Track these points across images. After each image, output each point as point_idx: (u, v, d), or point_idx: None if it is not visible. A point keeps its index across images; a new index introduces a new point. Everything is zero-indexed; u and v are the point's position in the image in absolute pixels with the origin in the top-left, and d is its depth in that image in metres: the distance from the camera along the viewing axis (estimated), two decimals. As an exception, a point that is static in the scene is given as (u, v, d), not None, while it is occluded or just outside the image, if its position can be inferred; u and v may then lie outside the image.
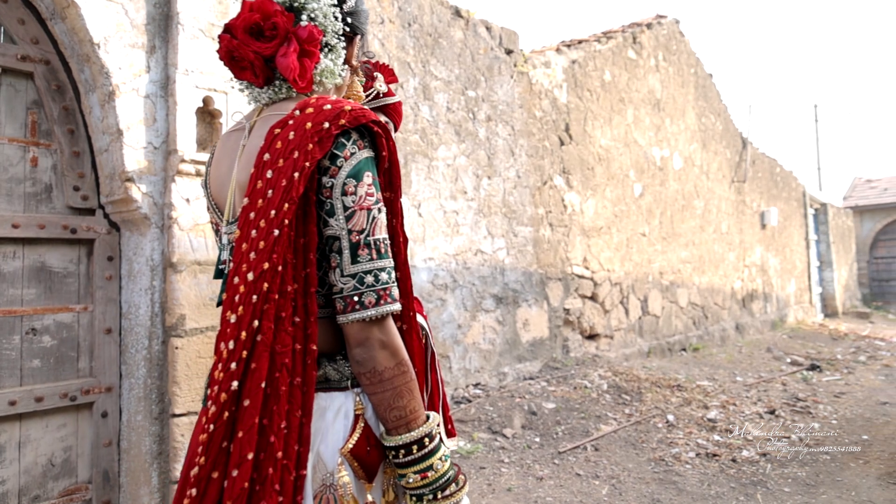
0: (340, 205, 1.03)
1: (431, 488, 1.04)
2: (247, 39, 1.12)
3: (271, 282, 0.98)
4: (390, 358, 1.04)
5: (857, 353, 9.14)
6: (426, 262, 4.93)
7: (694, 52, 9.78)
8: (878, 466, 4.09)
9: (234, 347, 0.96)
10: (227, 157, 1.20)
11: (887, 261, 20.77)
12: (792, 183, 13.88)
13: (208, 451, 0.94)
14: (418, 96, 4.96)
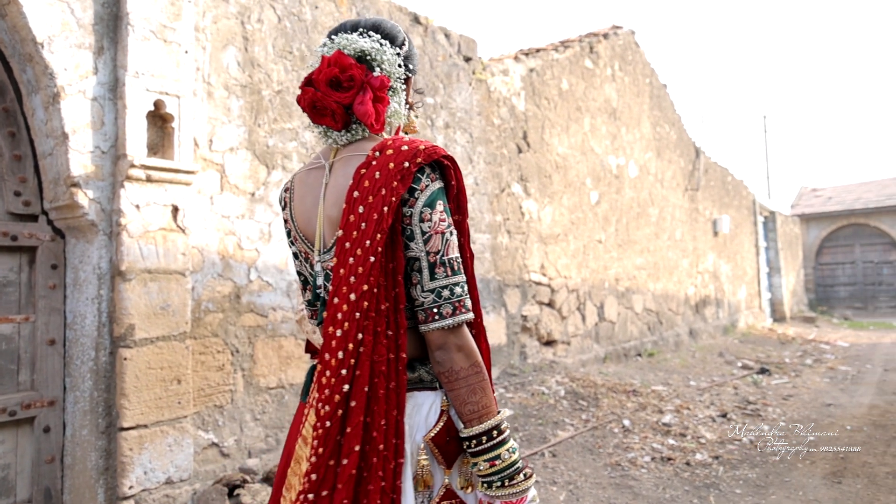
0: (419, 230, 1.20)
1: (500, 476, 1.19)
2: (328, 91, 1.27)
3: (370, 301, 1.16)
4: (465, 359, 1.21)
5: (803, 357, 9.41)
6: (384, 270, 4.89)
7: (649, 63, 9.96)
8: (824, 466, 4.19)
9: (343, 357, 1.15)
10: (311, 194, 1.34)
11: (831, 267, 21.47)
12: (742, 191, 14.24)
13: (325, 443, 1.12)
14: (376, 102, 4.93)
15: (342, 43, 1.31)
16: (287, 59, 4.26)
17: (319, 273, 1.32)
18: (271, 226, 4.10)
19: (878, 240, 20.87)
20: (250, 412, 3.91)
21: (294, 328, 4.21)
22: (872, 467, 4.13)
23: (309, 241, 1.34)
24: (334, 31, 1.37)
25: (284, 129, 4.21)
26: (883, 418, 5.39)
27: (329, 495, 1.12)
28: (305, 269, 1.41)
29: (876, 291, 20.77)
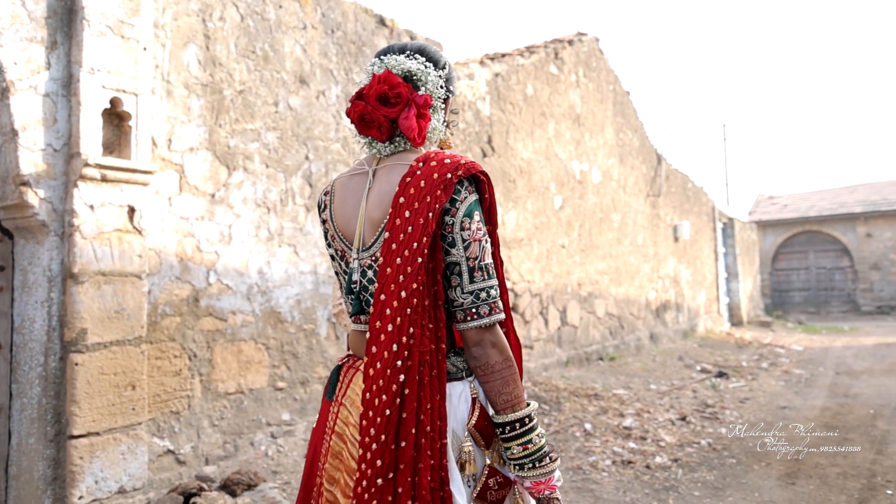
0: (459, 238, 1.33)
1: (531, 458, 1.31)
2: (377, 106, 1.39)
3: (418, 298, 1.28)
4: (499, 354, 1.33)
5: (759, 361, 9.61)
6: (347, 273, 4.85)
7: (613, 70, 10.08)
8: (779, 468, 4.28)
9: (398, 349, 1.26)
10: (353, 197, 1.46)
11: (787, 272, 22.01)
12: (702, 198, 14.51)
13: (387, 430, 1.23)
14: (340, 104, 4.89)
15: (391, 63, 1.44)
16: (250, 58, 4.19)
17: (356, 269, 1.43)
18: (231, 228, 4.03)
19: (830, 246, 21.46)
20: (208, 418, 3.83)
21: (253, 332, 4.14)
22: (824, 468, 4.23)
23: (347, 240, 1.46)
24: (383, 52, 1.50)
25: (246, 130, 4.14)
26: (834, 420, 5.52)
27: (394, 477, 1.24)
28: (341, 267, 1.51)
29: (828, 297, 21.35)
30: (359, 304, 1.43)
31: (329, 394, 1.50)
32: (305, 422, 4.40)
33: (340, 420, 1.41)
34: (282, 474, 3.83)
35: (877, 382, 7.40)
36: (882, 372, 8.20)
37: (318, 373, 4.56)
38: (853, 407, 6.06)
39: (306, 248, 4.53)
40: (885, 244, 20.33)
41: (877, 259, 20.43)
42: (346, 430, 1.39)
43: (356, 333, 1.50)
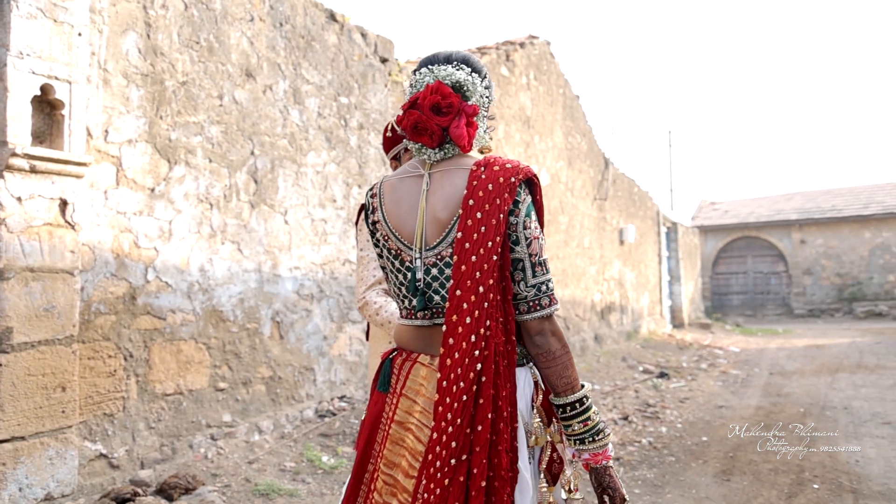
0: (523, 236, 1.43)
1: (590, 433, 1.44)
2: (430, 115, 1.46)
3: (494, 293, 1.38)
4: (558, 342, 1.45)
5: (699, 362, 9.87)
6: (291, 272, 4.76)
7: (563, 74, 10.20)
8: (715, 465, 4.39)
9: (476, 340, 1.36)
10: (407, 198, 1.52)
11: (726, 276, 22.70)
12: (648, 202, 14.83)
13: (463, 415, 1.33)
14: (288, 99, 4.80)
15: (441, 74, 1.51)
16: (194, 48, 4.07)
17: (419, 267, 1.49)
18: (172, 223, 3.91)
19: (767, 252, 22.23)
20: (144, 420, 3.71)
21: (194, 331, 4.03)
22: (757, 465, 4.36)
23: (405, 239, 1.51)
24: (429, 60, 1.58)
25: (189, 123, 4.03)
26: (768, 418, 5.70)
27: (468, 458, 1.33)
28: (394, 265, 1.56)
29: (764, 300, 22.10)
30: (424, 301, 1.49)
31: (382, 386, 1.57)
32: (247, 423, 4.30)
33: (401, 410, 1.49)
34: (222, 477, 3.74)
35: (807, 382, 7.69)
36: (812, 372, 8.51)
37: (261, 373, 4.46)
38: (785, 406, 6.27)
39: (250, 245, 4.44)
40: (818, 250, 21.16)
41: (809, 264, 21.24)
42: (409, 419, 1.47)
43: (410, 328, 1.54)
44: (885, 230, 20.16)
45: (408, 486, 1.41)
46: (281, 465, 4.06)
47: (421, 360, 1.50)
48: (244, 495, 3.57)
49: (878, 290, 20.10)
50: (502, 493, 1.35)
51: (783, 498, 3.75)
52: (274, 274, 4.61)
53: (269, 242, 4.59)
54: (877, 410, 5.93)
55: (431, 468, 1.33)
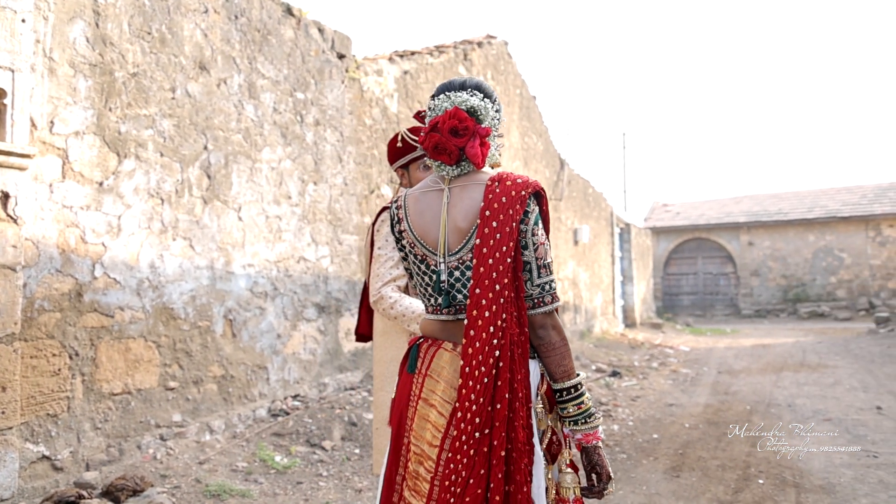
0: (531, 242, 1.64)
1: (582, 415, 1.65)
2: (449, 137, 1.66)
3: (509, 290, 1.58)
4: (558, 335, 1.66)
5: (650, 360, 10.06)
6: (245, 269, 4.69)
7: (520, 74, 10.27)
8: (665, 462, 4.48)
9: (494, 331, 1.56)
10: (430, 210, 1.74)
11: (677, 277, 23.21)
12: (602, 203, 15.05)
13: (485, 394, 1.53)
14: (243, 94, 4.72)
15: (457, 100, 1.71)
16: (145, 39, 3.97)
17: (444, 270, 1.71)
18: (121, 219, 3.80)
19: (717, 253, 22.80)
20: (90, 421, 3.60)
21: (143, 329, 3.93)
22: (706, 461, 4.47)
23: (429, 246, 1.73)
24: (446, 87, 1.76)
25: (140, 116, 3.93)
26: (716, 416, 5.85)
27: (490, 432, 1.53)
28: (419, 269, 1.78)
29: (713, 300, 22.67)
30: (449, 300, 1.70)
31: (410, 368, 1.77)
32: (198, 423, 4.22)
33: (426, 388, 1.70)
34: (171, 478, 3.66)
35: (753, 380, 7.91)
36: (758, 371, 8.77)
37: (212, 372, 4.38)
38: (732, 403, 6.44)
39: (203, 241, 4.35)
40: (765, 252, 21.80)
41: (757, 266, 21.87)
42: (433, 396, 1.68)
43: (436, 323, 1.76)
44: (827, 233, 20.89)
45: (432, 455, 1.62)
46: (233, 465, 4.00)
47: (444, 346, 1.71)
48: (194, 496, 3.50)
49: (821, 291, 20.81)
50: (520, 463, 1.54)
51: (730, 493, 3.85)
52: (227, 271, 4.53)
53: (222, 239, 4.50)
54: (818, 407, 6.14)
55: (457, 441, 1.54)
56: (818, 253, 21.01)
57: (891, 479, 4.00)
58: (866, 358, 9.61)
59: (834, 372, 8.38)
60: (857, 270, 20.38)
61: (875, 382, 7.42)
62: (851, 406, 6.16)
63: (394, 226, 1.83)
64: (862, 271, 20.31)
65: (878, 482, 3.96)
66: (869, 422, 5.48)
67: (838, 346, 11.50)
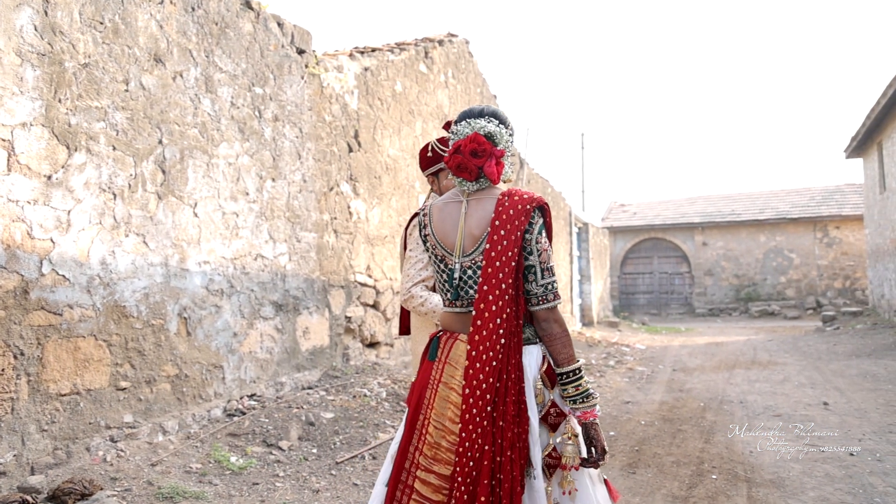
0: (535, 249, 1.93)
1: (581, 395, 1.93)
2: (470, 158, 1.96)
3: (512, 289, 1.89)
4: (559, 327, 1.95)
5: (607, 359, 10.20)
6: (200, 266, 4.59)
7: (481, 73, 10.30)
8: (622, 458, 4.54)
9: (500, 322, 1.86)
10: (450, 218, 2.04)
11: (633, 276, 23.59)
12: (560, 203, 15.19)
13: (494, 375, 1.84)
14: (200, 87, 4.62)
15: (476, 126, 2.01)
16: (97, 29, 3.86)
17: (457, 269, 2.01)
18: (71, 214, 3.69)
19: (672, 253, 23.24)
20: (36, 423, 3.48)
21: (93, 327, 3.81)
22: (661, 457, 4.54)
23: (448, 248, 2.04)
24: (467, 114, 2.06)
25: (91, 108, 3.81)
26: (671, 413, 5.96)
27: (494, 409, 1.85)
28: (439, 267, 2.09)
29: (669, 299, 23.11)
30: (457, 294, 2.01)
31: (431, 356, 2.06)
32: (151, 423, 4.12)
33: (446, 374, 1.99)
34: (122, 481, 3.56)
35: (707, 378, 8.08)
36: (711, 368, 8.96)
37: (166, 371, 4.28)
38: (686, 401, 6.57)
39: (157, 238, 4.25)
40: (718, 252, 22.31)
41: (710, 266, 22.37)
42: (452, 381, 1.97)
43: (451, 314, 2.06)
44: (778, 234, 21.48)
45: (454, 430, 1.91)
46: (186, 466, 3.91)
47: (460, 338, 2.01)
48: (146, 499, 3.41)
49: (771, 290, 21.40)
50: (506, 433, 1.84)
51: (684, 489, 3.92)
52: (182, 268, 4.44)
53: (177, 235, 4.40)
54: (769, 404, 6.30)
55: (468, 414, 1.85)
56: (769, 253, 21.59)
57: (836, 472, 4.13)
58: (813, 355, 9.90)
59: (783, 369, 8.62)
60: (806, 270, 21.01)
61: (822, 379, 7.65)
62: (800, 402, 6.33)
63: (421, 230, 2.16)
64: (810, 271, 20.95)
65: (824, 475, 4.08)
66: (816, 417, 5.65)
67: (787, 344, 11.84)
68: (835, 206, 21.35)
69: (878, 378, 7.35)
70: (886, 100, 12.17)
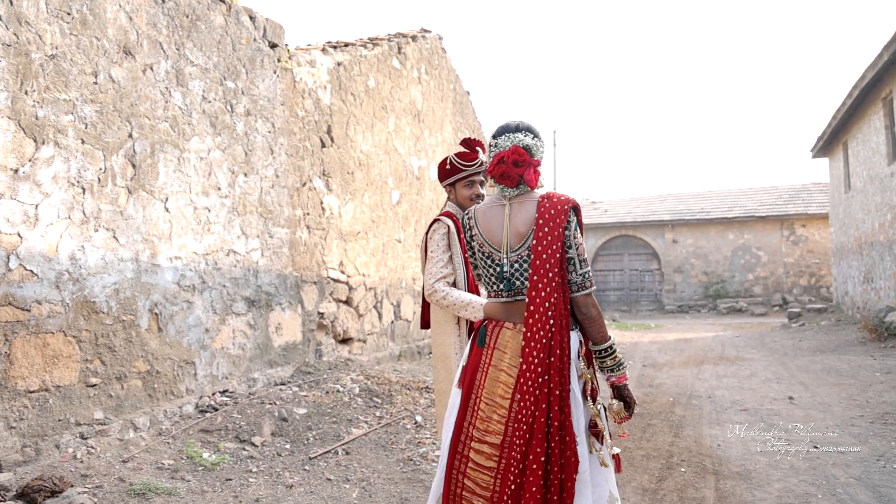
0: (573, 243, 2.24)
1: (616, 365, 2.31)
2: (511, 167, 2.29)
3: (558, 278, 2.19)
4: (595, 311, 2.27)
5: (579, 354, 10.28)
6: (172, 262, 4.55)
7: (454, 69, 10.31)
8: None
9: (548, 306, 2.17)
10: (496, 219, 2.36)
11: (604, 273, 23.81)
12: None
13: (544, 351, 2.15)
14: (170, 81, 4.57)
15: (515, 140, 2.34)
16: (64, 20, 3.80)
17: (506, 263, 2.32)
18: (38, 208, 3.63)
19: (642, 250, 23.51)
20: (3, 420, 3.42)
21: (62, 323, 3.76)
22: (631, 451, 4.61)
23: (495, 245, 2.35)
24: (505, 129, 2.38)
25: (59, 100, 3.75)
26: (641, 408, 6.04)
27: (546, 379, 2.15)
28: (484, 262, 2.40)
29: (639, 296, 23.39)
30: (509, 285, 2.31)
31: (480, 342, 2.36)
32: (122, 420, 4.07)
33: (495, 358, 2.29)
34: (93, 477, 3.52)
35: (676, 374, 8.22)
36: (680, 364, 9.11)
37: (137, 367, 4.23)
38: (656, 396, 6.67)
39: (127, 233, 4.19)
40: (688, 250, 22.62)
41: (680, 263, 22.68)
42: (501, 363, 2.28)
43: (498, 304, 2.36)
44: (746, 232, 21.85)
45: (504, 405, 2.22)
46: (158, 463, 3.88)
47: (506, 325, 2.32)
48: (118, 496, 3.38)
49: (739, 287, 21.77)
50: (556, 400, 2.15)
51: (654, 481, 3.99)
52: (153, 263, 4.39)
53: (147, 230, 4.36)
54: (736, 398, 6.43)
55: (525, 386, 2.15)
56: (737, 251, 21.96)
57: (801, 464, 4.23)
58: (780, 351, 10.12)
59: (750, 364, 8.79)
60: (773, 268, 21.41)
61: (787, 374, 7.82)
62: (766, 396, 6.47)
63: (465, 231, 2.47)
64: (777, 269, 21.35)
65: (789, 468, 4.18)
66: (782, 411, 5.78)
67: (754, 339, 12.07)
68: (801, 204, 21.78)
69: (842, 373, 7.54)
70: (852, 101, 12.46)
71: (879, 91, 11.60)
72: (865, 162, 12.99)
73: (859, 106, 12.83)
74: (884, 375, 7.06)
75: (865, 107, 12.63)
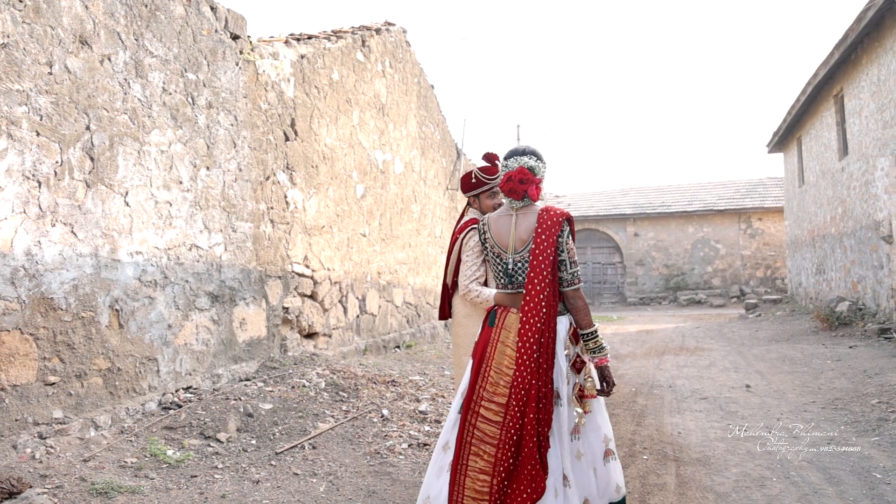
0: (565, 248, 2.75)
1: (598, 347, 2.76)
2: (518, 185, 2.82)
3: (552, 275, 2.72)
4: (582, 302, 2.77)
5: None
6: (133, 257, 4.47)
7: (419, 63, 10.30)
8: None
9: (542, 297, 2.69)
10: (504, 226, 2.91)
11: (568, 266, 24.06)
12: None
13: (538, 332, 2.68)
14: (129, 72, 4.48)
15: (521, 161, 2.90)
16: (16, 7, 3.69)
17: (510, 262, 2.86)
18: (-8, 201, 3.52)
19: (605, 244, 23.83)
20: (-43, 419, 3.33)
21: (18, 321, 3.66)
22: (596, 441, 4.69)
23: (503, 247, 2.89)
24: (514, 153, 2.96)
25: (11, 91, 3.65)
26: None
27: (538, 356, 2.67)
28: (494, 260, 2.94)
29: (601, 289, 23.71)
30: (513, 280, 2.86)
31: (490, 323, 2.87)
32: (82, 419, 3.99)
33: (503, 336, 2.79)
34: (53, 478, 3.45)
35: (638, 364, 8.37)
36: (642, 355, 9.27)
37: (97, 365, 4.15)
38: (619, 386, 6.78)
39: (86, 228, 4.11)
40: (649, 243, 23.00)
41: (642, 256, 23.04)
42: (507, 340, 2.77)
43: (505, 294, 2.89)
44: (705, 225, 22.31)
45: (508, 373, 2.71)
46: (121, 461, 3.82)
47: (512, 311, 2.83)
48: (79, 495, 3.32)
49: (699, 279, 22.22)
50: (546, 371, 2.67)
51: (616, 468, 4.07)
52: (113, 259, 4.30)
53: (107, 225, 4.27)
54: (696, 387, 6.58)
55: (520, 360, 2.67)
56: (697, 244, 22.40)
57: (757, 449, 4.36)
58: (737, 341, 10.37)
59: (709, 354, 9.00)
60: (731, 260, 21.90)
61: (745, 363, 8.03)
62: (724, 385, 6.64)
63: (481, 235, 3.01)
64: (735, 261, 21.85)
65: (746, 453, 4.31)
66: (739, 399, 5.94)
67: (713, 330, 12.34)
68: (758, 198, 22.31)
69: (795, 361, 7.77)
70: (805, 97, 12.79)
71: (831, 88, 11.93)
72: (818, 157, 13.36)
73: (812, 102, 13.18)
74: (834, 363, 7.30)
75: (818, 104, 12.98)
